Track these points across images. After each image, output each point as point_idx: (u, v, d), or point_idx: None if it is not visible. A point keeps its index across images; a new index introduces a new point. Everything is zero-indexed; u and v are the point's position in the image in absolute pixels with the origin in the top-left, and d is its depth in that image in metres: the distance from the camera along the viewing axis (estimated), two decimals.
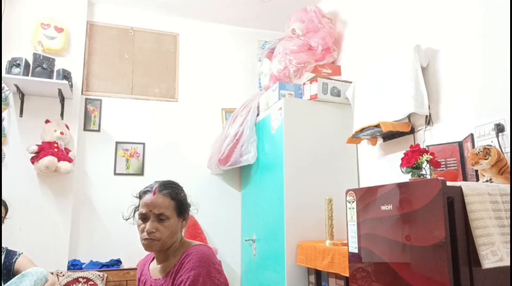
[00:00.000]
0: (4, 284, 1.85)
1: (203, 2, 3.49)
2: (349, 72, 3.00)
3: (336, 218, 2.30)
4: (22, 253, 2.07)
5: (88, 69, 3.38)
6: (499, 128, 1.73)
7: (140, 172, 3.35)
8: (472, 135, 1.84)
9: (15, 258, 2.01)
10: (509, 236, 1.31)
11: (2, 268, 1.96)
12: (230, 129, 3.24)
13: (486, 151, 1.55)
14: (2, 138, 2.91)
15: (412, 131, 2.28)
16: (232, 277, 3.36)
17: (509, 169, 1.57)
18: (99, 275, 2.82)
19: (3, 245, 2.10)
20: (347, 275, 1.74)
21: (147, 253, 1.52)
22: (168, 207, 1.38)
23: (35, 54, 2.90)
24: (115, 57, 3.48)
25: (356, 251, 1.62)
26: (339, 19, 3.21)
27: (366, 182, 2.67)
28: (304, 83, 2.86)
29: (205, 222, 3.33)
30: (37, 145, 2.87)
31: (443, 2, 2.15)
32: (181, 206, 1.43)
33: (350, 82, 2.77)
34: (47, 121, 2.98)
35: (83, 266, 2.98)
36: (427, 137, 2.17)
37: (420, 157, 1.61)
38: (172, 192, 1.42)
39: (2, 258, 1.99)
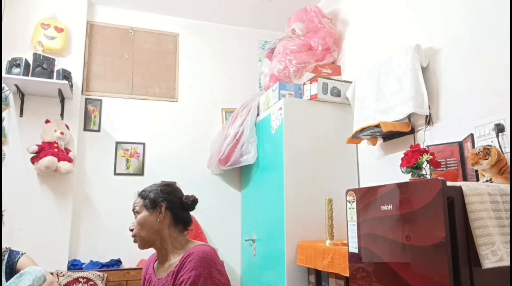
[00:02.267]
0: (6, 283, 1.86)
1: (203, 2, 3.49)
2: (349, 72, 3.00)
3: (336, 218, 2.30)
4: (25, 253, 2.08)
5: (88, 69, 3.38)
6: (499, 128, 1.73)
7: (140, 172, 3.35)
8: (472, 135, 1.84)
9: (17, 258, 2.02)
10: (509, 236, 1.31)
11: (5, 267, 1.97)
12: (230, 129, 3.24)
13: (486, 151, 1.55)
14: (2, 138, 2.91)
15: (412, 131, 2.28)
16: (232, 277, 3.36)
17: (509, 169, 1.57)
18: (99, 275, 2.82)
19: (6, 245, 2.10)
20: (347, 275, 1.74)
21: (147, 253, 1.53)
22: (139, 204, 1.47)
23: (35, 54, 2.90)
24: (115, 57, 3.48)
25: (356, 251, 1.62)
26: (339, 19, 3.21)
27: (366, 182, 2.67)
28: (304, 83, 2.86)
29: (205, 222, 3.34)
30: (37, 145, 2.87)
31: (443, 2, 2.15)
32: (151, 202, 1.46)
33: (350, 82, 2.77)
34: (47, 121, 2.98)
35: (83, 266, 2.98)
36: (427, 137, 2.17)
37: (420, 157, 1.61)
38: (144, 192, 1.50)
39: (5, 257, 2.00)
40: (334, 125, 2.77)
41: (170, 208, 1.46)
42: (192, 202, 1.52)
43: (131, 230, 1.46)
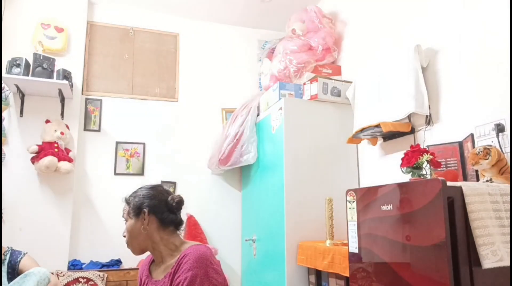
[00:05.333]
0: (8, 283, 1.86)
1: (203, 2, 3.49)
2: (349, 72, 3.00)
3: (336, 218, 2.30)
4: (26, 253, 2.08)
5: (88, 69, 3.38)
6: (499, 128, 1.73)
7: (141, 172, 3.35)
8: (472, 135, 1.84)
9: (19, 258, 2.02)
10: (509, 236, 1.31)
11: (7, 267, 1.97)
12: (230, 129, 3.24)
13: (486, 151, 1.55)
14: (2, 138, 2.91)
15: (412, 131, 2.28)
16: (232, 277, 3.36)
17: (509, 169, 1.57)
18: (99, 275, 2.82)
19: (6, 245, 2.10)
20: (347, 275, 1.74)
21: (146, 253, 1.53)
22: (126, 211, 1.47)
23: (35, 54, 2.90)
24: (115, 57, 3.48)
25: (356, 251, 1.62)
26: (339, 19, 3.21)
27: (366, 182, 2.67)
28: (304, 83, 2.86)
29: (205, 222, 3.34)
30: (37, 145, 2.86)
31: (443, 2, 2.15)
32: (134, 209, 1.44)
33: (350, 82, 2.77)
34: (47, 121, 2.98)
35: (83, 266, 2.98)
36: (427, 137, 2.17)
37: (420, 157, 1.61)
38: (129, 198, 1.49)
39: (7, 257, 2.01)
40: (334, 125, 2.77)
41: (154, 213, 1.43)
42: (178, 203, 1.48)
43: (124, 236, 1.46)
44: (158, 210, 1.44)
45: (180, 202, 1.49)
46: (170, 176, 3.40)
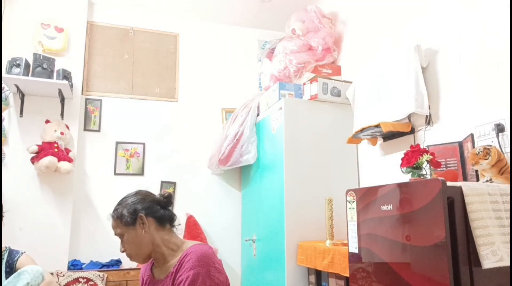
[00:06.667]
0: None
1: (203, 2, 3.49)
2: (349, 72, 3.00)
3: (336, 218, 2.30)
4: (24, 252, 2.08)
5: (88, 69, 3.38)
6: (499, 128, 1.73)
7: (140, 172, 3.35)
8: (472, 135, 1.84)
9: (17, 257, 2.02)
10: (509, 236, 1.31)
11: (5, 267, 1.97)
12: (230, 129, 3.24)
13: (486, 151, 1.55)
14: (2, 138, 2.91)
15: (412, 131, 2.28)
16: (232, 277, 3.36)
17: (509, 169, 1.57)
18: (99, 275, 2.82)
19: (5, 244, 2.10)
20: (347, 275, 1.74)
21: None
22: (118, 226, 1.46)
23: (35, 54, 2.90)
24: (115, 57, 3.48)
25: (356, 251, 1.62)
26: (339, 19, 3.21)
27: (366, 182, 2.67)
28: (304, 83, 2.86)
29: (205, 222, 3.34)
30: (37, 145, 2.86)
31: (443, 2, 2.15)
32: (128, 218, 1.43)
33: (350, 82, 2.77)
34: (47, 121, 2.98)
35: (83, 266, 2.98)
36: (427, 137, 2.17)
37: (420, 157, 1.61)
38: (116, 212, 1.48)
39: (5, 257, 2.00)
40: (334, 125, 2.77)
41: (150, 214, 1.44)
42: (167, 198, 1.51)
43: (123, 252, 1.45)
44: (153, 210, 1.46)
45: (169, 196, 1.52)
46: (170, 176, 3.40)
